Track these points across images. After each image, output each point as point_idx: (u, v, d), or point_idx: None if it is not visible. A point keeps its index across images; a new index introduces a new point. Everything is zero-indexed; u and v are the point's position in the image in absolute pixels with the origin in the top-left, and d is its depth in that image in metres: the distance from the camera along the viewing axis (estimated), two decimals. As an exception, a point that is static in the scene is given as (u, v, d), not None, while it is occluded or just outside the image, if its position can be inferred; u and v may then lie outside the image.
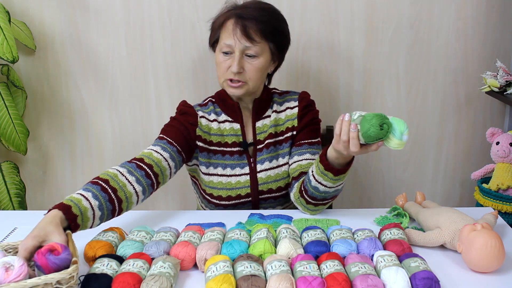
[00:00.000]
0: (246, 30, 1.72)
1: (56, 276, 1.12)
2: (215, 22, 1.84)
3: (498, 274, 1.34)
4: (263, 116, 1.88)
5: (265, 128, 1.87)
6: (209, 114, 1.87)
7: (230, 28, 1.75)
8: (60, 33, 2.29)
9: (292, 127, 1.87)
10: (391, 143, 1.43)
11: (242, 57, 1.75)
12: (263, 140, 1.87)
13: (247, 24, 1.73)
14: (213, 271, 1.26)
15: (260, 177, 1.85)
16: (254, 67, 1.76)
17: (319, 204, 1.70)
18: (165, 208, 2.51)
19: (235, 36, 1.73)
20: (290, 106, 1.90)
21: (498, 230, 1.55)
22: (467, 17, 2.28)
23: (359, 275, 1.24)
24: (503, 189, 2.11)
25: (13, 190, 2.26)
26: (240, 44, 1.73)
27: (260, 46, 1.75)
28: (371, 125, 1.40)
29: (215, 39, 1.83)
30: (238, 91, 1.78)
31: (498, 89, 2.16)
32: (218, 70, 1.80)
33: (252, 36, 1.73)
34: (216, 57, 1.81)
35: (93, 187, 1.49)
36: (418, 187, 2.49)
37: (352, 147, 1.45)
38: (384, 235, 1.47)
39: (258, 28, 1.74)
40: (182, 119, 1.84)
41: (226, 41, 1.75)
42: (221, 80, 1.80)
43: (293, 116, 1.88)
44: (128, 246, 1.41)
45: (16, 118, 2.20)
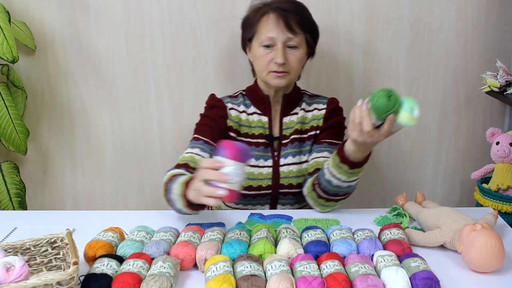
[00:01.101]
0: (288, 22, 1.78)
1: (56, 277, 1.12)
2: (249, 19, 1.89)
3: (498, 274, 1.34)
4: (291, 113, 1.93)
5: (291, 124, 1.92)
6: (239, 106, 1.92)
7: (273, 21, 1.80)
8: (60, 33, 2.29)
9: (316, 127, 1.92)
10: (401, 117, 1.39)
11: (284, 49, 1.79)
12: (288, 136, 1.91)
13: (288, 16, 1.79)
14: (213, 271, 1.26)
15: (282, 171, 1.88)
16: (296, 58, 1.81)
17: (330, 199, 1.70)
18: (165, 208, 2.50)
19: (278, 29, 1.78)
20: (318, 108, 1.95)
21: (498, 230, 1.55)
22: (467, 17, 2.28)
23: (359, 275, 1.24)
24: (503, 189, 2.11)
25: (13, 190, 2.26)
26: (283, 35, 1.78)
27: (300, 37, 1.81)
28: (378, 96, 1.39)
29: (252, 35, 1.86)
30: (282, 81, 1.82)
31: (498, 89, 2.16)
32: (258, 64, 1.84)
33: (294, 28, 1.79)
34: (255, 52, 1.85)
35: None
36: (418, 187, 2.49)
37: (365, 126, 1.43)
38: (384, 235, 1.47)
39: (297, 20, 1.80)
40: (212, 113, 1.89)
41: (268, 34, 1.79)
42: (263, 74, 1.83)
43: (319, 117, 1.93)
44: (128, 246, 1.41)
45: (16, 118, 2.20)
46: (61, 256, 1.37)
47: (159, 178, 2.46)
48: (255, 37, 1.85)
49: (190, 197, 1.46)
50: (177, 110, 2.38)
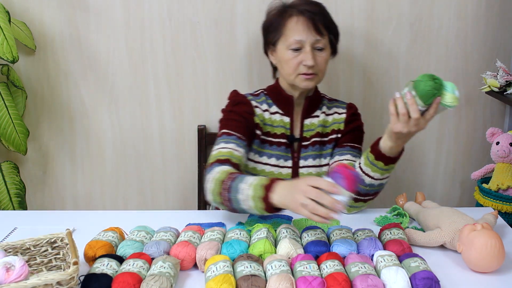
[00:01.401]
0: (316, 24, 1.79)
1: (56, 277, 1.12)
2: (273, 23, 1.87)
3: (498, 274, 1.35)
4: (312, 115, 1.93)
5: (312, 127, 1.92)
6: (261, 104, 1.92)
7: (302, 25, 1.79)
8: (60, 33, 2.29)
9: (337, 130, 1.92)
10: (446, 98, 1.43)
11: (313, 51, 1.80)
12: (309, 138, 1.91)
13: (316, 18, 1.79)
14: (213, 271, 1.26)
15: (301, 173, 1.89)
16: (323, 59, 1.82)
17: (360, 200, 1.71)
18: (165, 208, 2.51)
19: (308, 31, 1.78)
20: (338, 112, 1.95)
21: (498, 230, 1.56)
22: (467, 17, 2.28)
23: (359, 275, 1.25)
24: (503, 189, 2.11)
25: (13, 190, 2.26)
26: (312, 38, 1.78)
27: (326, 39, 1.82)
28: (424, 81, 1.42)
29: (277, 39, 1.85)
30: (311, 83, 1.83)
31: (498, 89, 2.15)
32: (286, 67, 1.83)
33: (321, 30, 1.80)
34: (281, 55, 1.84)
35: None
36: (418, 187, 2.49)
37: (413, 114, 1.44)
38: (384, 235, 1.48)
39: (324, 22, 1.82)
40: (239, 109, 1.87)
41: (297, 37, 1.79)
42: (292, 77, 1.82)
43: (340, 120, 1.93)
44: (128, 246, 1.41)
45: (16, 118, 2.20)
46: (61, 256, 1.37)
47: (159, 178, 2.47)
48: (281, 40, 1.84)
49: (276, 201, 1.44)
50: (177, 110, 2.38)
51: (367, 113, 2.36)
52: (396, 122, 1.49)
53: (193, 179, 2.45)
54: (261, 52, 2.15)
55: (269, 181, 1.47)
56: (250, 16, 2.26)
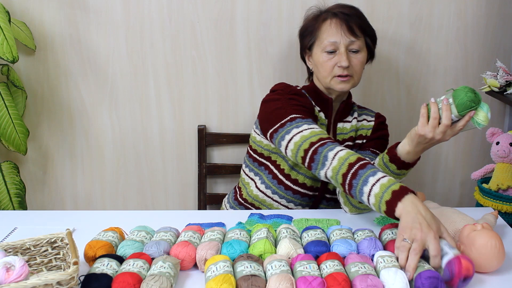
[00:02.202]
0: (350, 25, 1.80)
1: (56, 277, 1.12)
2: (308, 27, 1.89)
3: (498, 274, 1.35)
4: (344, 120, 1.94)
5: (345, 131, 1.93)
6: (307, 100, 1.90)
7: (336, 26, 1.80)
8: (60, 33, 2.29)
9: (364, 136, 1.95)
10: (479, 115, 1.45)
11: (348, 53, 1.80)
12: (342, 141, 1.92)
13: (350, 20, 1.80)
14: (213, 271, 1.26)
15: None
16: (359, 61, 1.83)
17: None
18: (165, 208, 2.51)
19: (342, 32, 1.79)
20: (367, 119, 1.97)
21: (498, 230, 1.56)
22: (467, 17, 2.28)
23: (358, 275, 1.25)
24: (503, 189, 2.11)
25: (13, 190, 2.26)
26: (346, 39, 1.79)
27: (361, 41, 1.83)
28: (466, 91, 1.44)
29: (313, 42, 1.86)
30: (347, 85, 1.82)
31: (498, 89, 2.15)
32: (322, 70, 1.83)
33: (355, 31, 1.80)
34: (317, 58, 1.84)
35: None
36: (418, 187, 2.49)
37: (445, 120, 1.46)
38: (385, 235, 1.47)
39: (358, 24, 1.82)
40: (299, 99, 1.84)
41: (331, 39, 1.79)
42: (327, 79, 1.83)
43: (368, 127, 1.95)
44: (128, 246, 1.41)
45: (16, 118, 2.20)
46: (61, 256, 1.37)
47: (159, 178, 2.47)
48: (316, 44, 1.85)
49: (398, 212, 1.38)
50: (177, 110, 2.38)
51: (367, 113, 2.37)
52: (424, 125, 1.50)
53: (193, 179, 2.45)
54: (261, 52, 2.16)
55: (399, 188, 1.41)
56: (250, 16, 2.26)
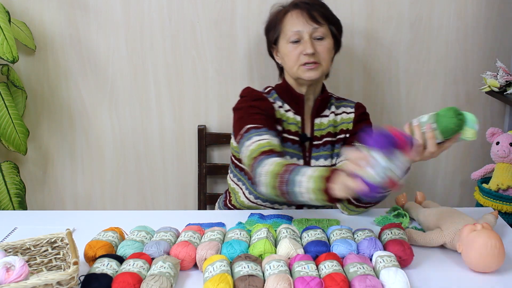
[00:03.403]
0: (311, 13, 1.80)
1: (56, 277, 1.12)
2: (272, 21, 1.91)
3: (498, 274, 1.35)
4: (321, 114, 1.92)
5: (322, 126, 1.91)
6: (275, 101, 1.90)
7: (297, 16, 1.82)
8: (60, 33, 2.29)
9: (346, 130, 1.92)
10: (467, 133, 1.40)
11: (312, 40, 1.80)
12: (320, 137, 1.90)
13: (310, 8, 1.81)
14: (210, 271, 1.27)
15: None
16: (324, 48, 1.82)
17: (361, 206, 1.71)
18: (165, 208, 2.51)
19: (303, 21, 1.80)
20: (346, 111, 1.94)
21: (498, 230, 1.55)
22: (467, 17, 2.28)
23: (357, 275, 1.25)
24: (503, 189, 2.11)
25: (13, 190, 2.26)
26: (309, 27, 1.79)
27: (325, 28, 1.82)
28: (449, 116, 1.38)
29: (277, 36, 1.87)
30: (314, 73, 1.81)
31: (498, 89, 2.15)
32: (288, 60, 1.84)
33: (318, 19, 1.80)
34: (283, 50, 1.85)
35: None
36: (418, 187, 2.48)
37: (430, 148, 1.40)
38: (384, 235, 1.47)
39: (320, 12, 1.83)
40: (260, 105, 1.84)
41: (294, 29, 1.80)
42: (294, 69, 1.82)
43: (348, 120, 1.92)
44: (128, 246, 1.41)
45: (16, 118, 2.20)
46: (61, 256, 1.37)
47: (159, 178, 2.47)
48: (280, 37, 1.86)
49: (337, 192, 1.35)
50: (177, 110, 2.38)
51: (367, 113, 2.37)
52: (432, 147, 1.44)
53: (193, 179, 2.45)
54: (261, 52, 2.15)
55: (329, 172, 1.40)
56: (250, 16, 2.26)
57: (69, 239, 1.29)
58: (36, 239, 1.34)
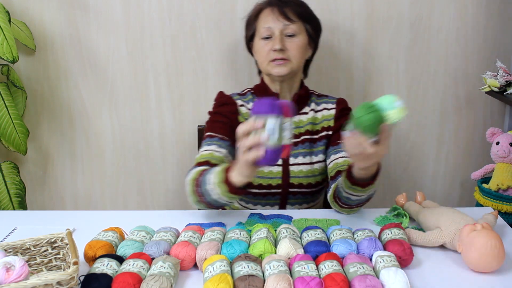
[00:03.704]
0: (283, 10, 1.81)
1: (56, 277, 1.12)
2: (249, 18, 1.93)
3: (498, 274, 1.34)
4: (300, 112, 1.92)
5: (301, 124, 1.91)
6: (248, 103, 1.92)
7: (268, 12, 1.84)
8: (60, 33, 2.29)
9: (327, 127, 1.91)
10: (391, 117, 1.35)
11: (282, 36, 1.81)
12: (298, 135, 1.90)
13: (283, 6, 1.82)
14: (210, 271, 1.26)
15: (292, 170, 1.87)
16: (295, 45, 1.82)
17: (353, 207, 1.71)
18: (165, 208, 2.51)
19: (274, 17, 1.81)
20: (327, 108, 1.94)
21: (498, 230, 1.55)
22: (467, 17, 2.28)
23: (357, 275, 1.24)
24: (503, 189, 2.11)
25: (13, 190, 2.26)
26: (279, 23, 1.81)
27: (297, 25, 1.83)
28: (362, 116, 1.34)
29: (252, 32, 1.90)
30: (283, 69, 1.82)
31: (498, 89, 2.15)
32: (259, 56, 1.86)
33: (289, 16, 1.81)
34: (256, 46, 1.88)
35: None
36: (418, 187, 2.49)
37: (368, 150, 1.38)
38: (384, 235, 1.46)
39: (294, 9, 1.83)
40: (223, 110, 1.89)
41: (265, 25, 1.82)
42: (264, 64, 1.84)
43: (329, 117, 1.92)
44: (128, 246, 1.41)
45: (16, 118, 2.20)
46: (61, 256, 1.36)
47: (159, 178, 2.47)
48: (255, 34, 1.88)
49: (235, 179, 1.47)
50: (177, 110, 2.38)
51: (367, 113, 2.36)
52: (356, 160, 1.46)
53: (193, 179, 2.45)
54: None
55: (230, 164, 1.50)
56: (250, 16, 2.26)
57: (69, 239, 1.28)
58: (36, 239, 1.34)
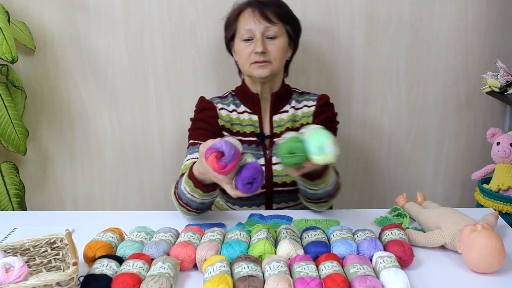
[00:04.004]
0: (264, 12, 1.81)
1: (55, 278, 1.12)
2: (229, 18, 1.93)
3: (498, 274, 1.34)
4: (281, 110, 1.92)
5: (282, 122, 1.91)
6: (228, 106, 1.92)
7: (249, 14, 1.83)
8: (60, 33, 2.28)
9: (306, 124, 1.87)
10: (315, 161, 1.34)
11: (263, 39, 1.81)
12: (279, 134, 1.89)
13: (264, 7, 1.82)
14: (210, 272, 1.26)
15: (275, 169, 1.87)
16: (276, 47, 1.82)
17: (318, 202, 1.71)
18: (165, 208, 2.50)
19: (255, 19, 1.81)
20: (307, 105, 1.94)
21: (498, 231, 1.55)
22: (468, 17, 2.27)
23: (357, 276, 1.24)
24: (504, 190, 2.10)
25: (13, 191, 2.25)
26: (260, 25, 1.80)
27: (278, 27, 1.83)
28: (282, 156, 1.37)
29: (232, 33, 1.90)
30: (264, 71, 1.82)
31: (499, 89, 2.15)
32: (241, 58, 1.87)
33: (270, 18, 1.81)
34: (237, 48, 1.88)
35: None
36: (419, 187, 2.48)
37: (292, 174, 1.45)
38: (385, 235, 1.46)
39: (274, 11, 1.83)
40: (203, 115, 1.89)
41: (246, 27, 1.82)
42: (245, 67, 1.85)
43: (309, 114, 1.92)
44: (128, 246, 1.41)
45: (15, 119, 2.19)
46: (60, 256, 1.36)
47: (159, 178, 2.46)
48: (236, 35, 1.88)
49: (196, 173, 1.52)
50: (177, 110, 2.37)
51: (368, 113, 2.36)
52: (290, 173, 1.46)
53: (193, 179, 2.44)
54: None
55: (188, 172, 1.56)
56: (250, 16, 2.25)
57: (68, 240, 1.28)
58: (35, 240, 1.34)
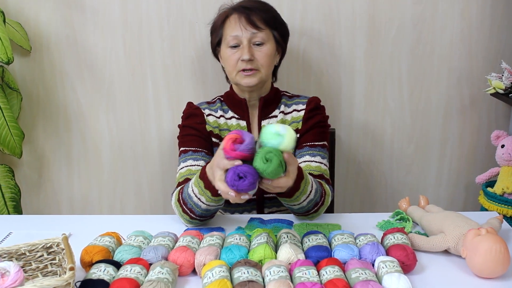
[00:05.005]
0: (250, 18, 1.79)
1: (52, 283, 1.12)
2: (215, 24, 1.90)
3: (503, 279, 1.34)
4: (270, 116, 1.90)
5: None
6: (216, 111, 1.91)
7: (235, 20, 1.81)
8: (56, 33, 2.28)
9: (296, 130, 1.86)
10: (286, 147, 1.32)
11: (250, 45, 1.79)
12: None
13: (250, 13, 1.80)
14: (209, 277, 1.27)
15: None
16: (263, 54, 1.80)
17: (309, 214, 1.69)
18: (163, 212, 2.49)
19: (241, 26, 1.78)
20: (297, 109, 1.91)
21: (503, 235, 1.54)
22: (472, 17, 2.26)
23: (359, 281, 1.24)
24: (508, 193, 2.10)
25: (8, 194, 2.25)
26: (247, 32, 1.78)
27: (265, 33, 1.81)
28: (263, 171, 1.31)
29: (218, 39, 1.87)
30: (252, 80, 1.80)
31: (503, 91, 2.14)
32: (227, 65, 1.84)
33: (257, 24, 1.79)
34: (223, 54, 1.85)
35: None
36: (422, 191, 2.48)
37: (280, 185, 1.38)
38: (387, 240, 1.46)
39: (261, 17, 1.81)
40: (191, 122, 1.87)
41: (232, 33, 1.80)
42: (233, 74, 1.82)
43: (298, 119, 1.88)
44: (126, 251, 1.41)
45: (11, 121, 2.19)
46: (57, 261, 1.37)
47: (157, 182, 2.45)
48: (222, 41, 1.86)
49: (208, 172, 1.50)
50: (176, 112, 2.37)
51: (370, 115, 2.35)
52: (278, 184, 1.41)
53: (192, 182, 2.43)
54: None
55: (201, 171, 1.54)
56: (250, 17, 2.24)
57: (65, 244, 1.29)
58: (31, 244, 1.34)
